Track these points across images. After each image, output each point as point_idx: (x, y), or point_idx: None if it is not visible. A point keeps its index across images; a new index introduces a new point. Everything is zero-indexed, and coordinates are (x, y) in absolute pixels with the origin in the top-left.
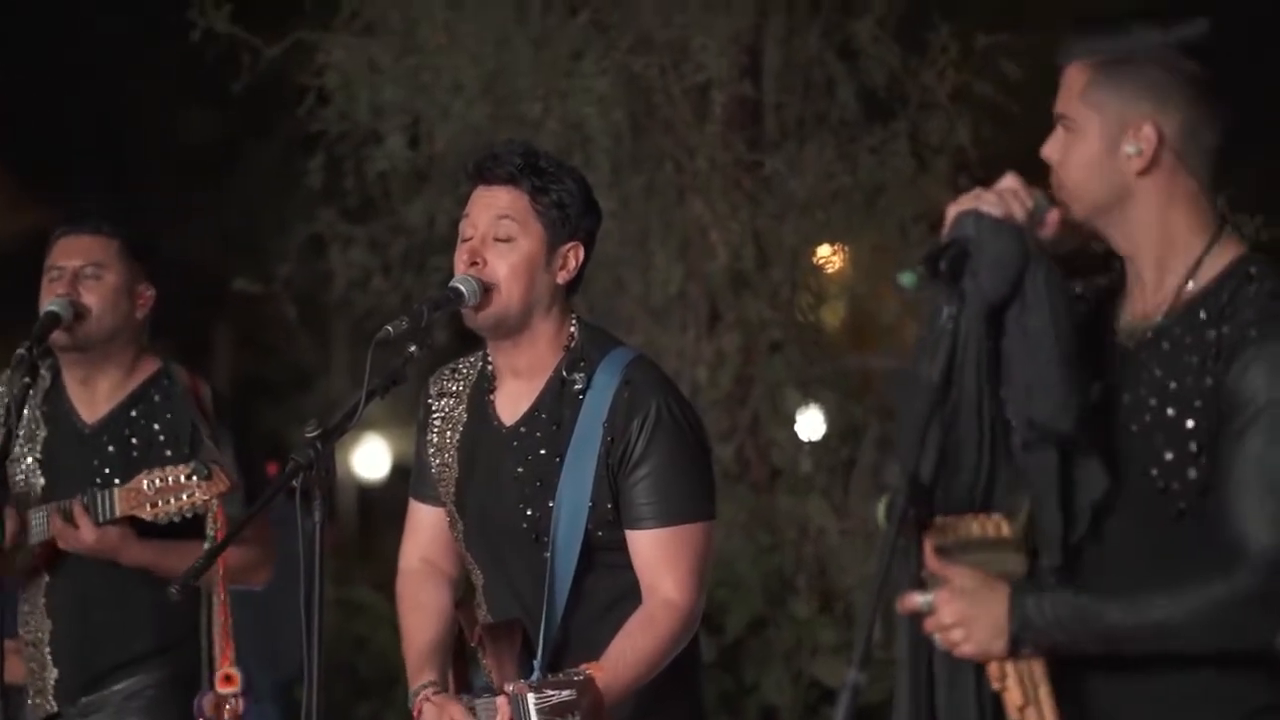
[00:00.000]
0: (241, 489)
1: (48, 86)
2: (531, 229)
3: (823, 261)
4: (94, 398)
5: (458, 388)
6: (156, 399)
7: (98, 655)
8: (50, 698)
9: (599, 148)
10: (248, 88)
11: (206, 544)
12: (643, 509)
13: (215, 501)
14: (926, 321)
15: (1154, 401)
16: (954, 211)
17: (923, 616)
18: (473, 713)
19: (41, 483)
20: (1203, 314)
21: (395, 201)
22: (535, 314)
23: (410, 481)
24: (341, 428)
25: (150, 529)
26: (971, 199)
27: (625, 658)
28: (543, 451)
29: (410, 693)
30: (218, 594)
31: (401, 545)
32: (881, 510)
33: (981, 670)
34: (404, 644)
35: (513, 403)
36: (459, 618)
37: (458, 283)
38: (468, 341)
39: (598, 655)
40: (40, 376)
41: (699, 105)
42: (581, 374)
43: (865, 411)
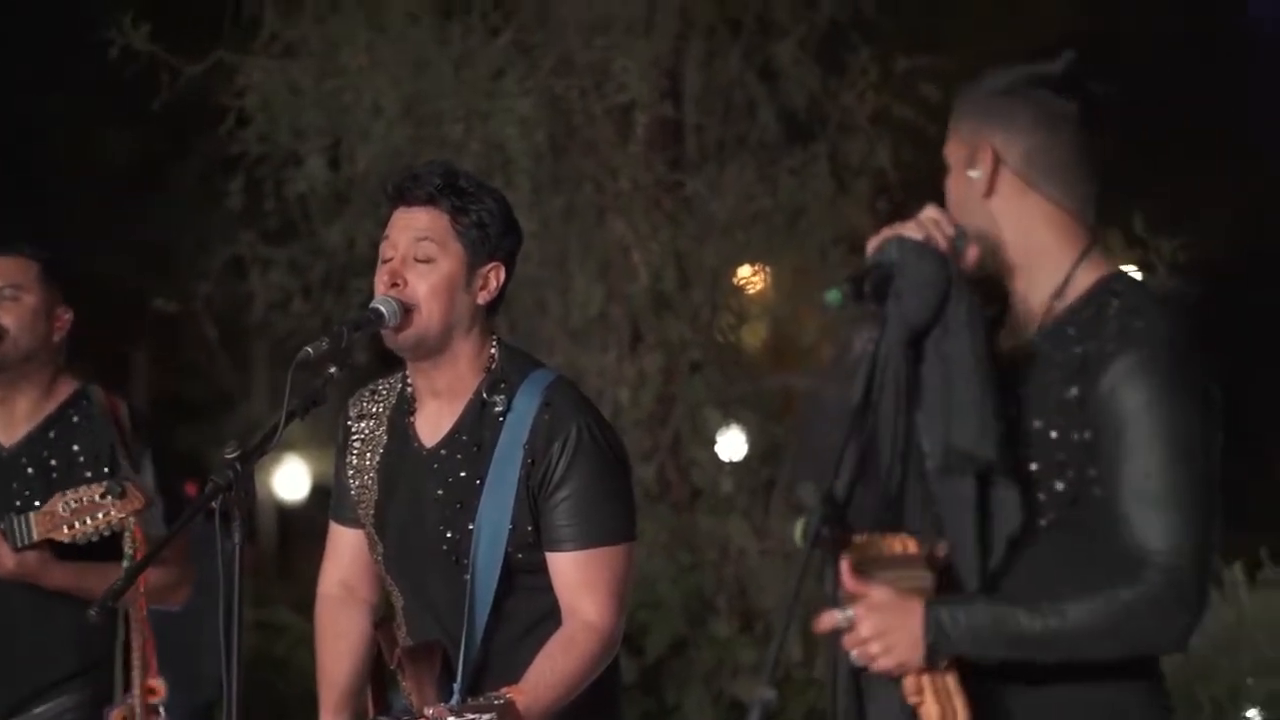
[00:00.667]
0: (158, 506)
1: None
2: (451, 249)
3: (743, 282)
4: (11, 420)
5: (377, 409)
6: (75, 420)
7: (21, 679)
8: None
9: (520, 168)
10: (167, 107)
11: (125, 563)
12: (563, 531)
13: (132, 520)
14: (837, 344)
15: (1021, 415)
16: (876, 239)
17: (841, 634)
18: None
19: None
20: (1070, 330)
21: (315, 223)
22: (455, 334)
23: (330, 504)
24: (261, 449)
25: (70, 550)
26: (892, 228)
27: (545, 680)
28: (463, 474)
29: None
30: (136, 613)
31: (321, 568)
32: (798, 530)
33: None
34: (319, 675)
35: (433, 425)
36: (378, 638)
37: (378, 304)
38: (388, 363)
39: (518, 678)
40: None
41: (620, 126)
42: (502, 396)
43: (786, 432)
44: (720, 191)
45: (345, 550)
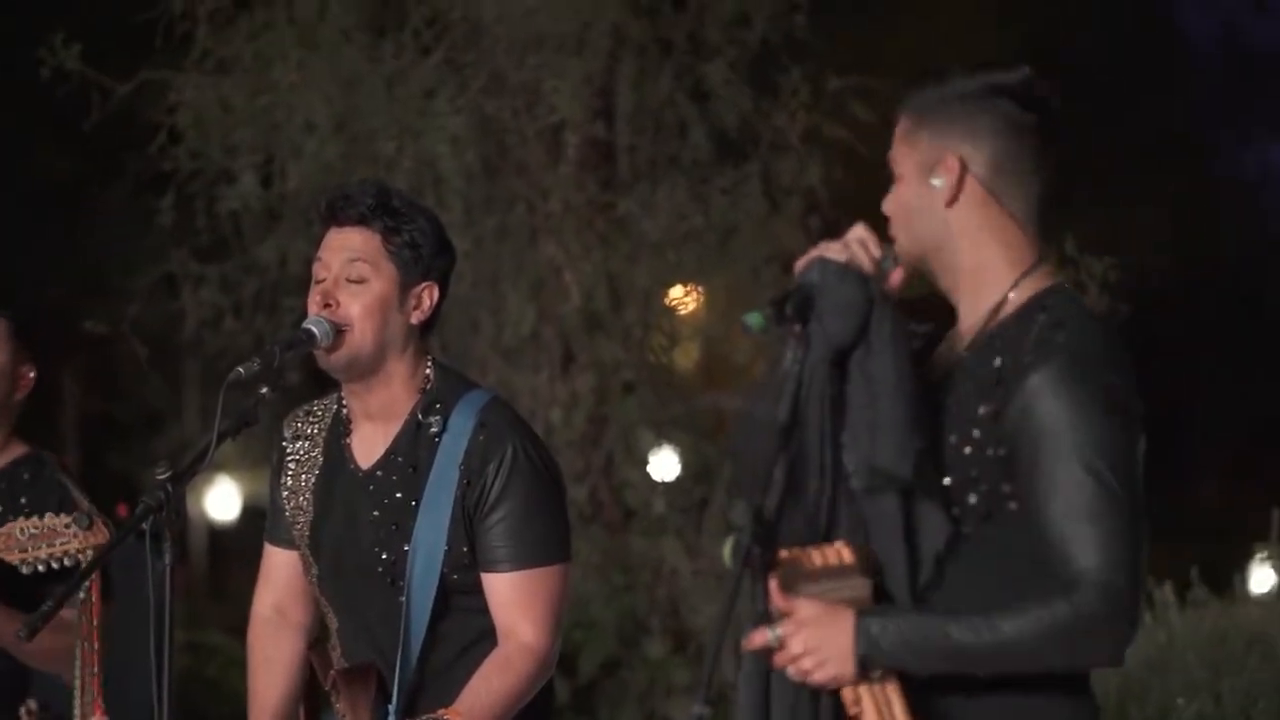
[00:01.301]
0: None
1: None
2: (384, 269)
3: (676, 302)
4: None
5: (313, 430)
6: (25, 477)
7: None
8: None
9: (452, 188)
10: (98, 126)
11: (81, 595)
12: (499, 552)
13: (91, 554)
14: (771, 364)
15: (940, 428)
16: (804, 260)
17: (772, 652)
18: None
19: None
20: (996, 344)
21: (247, 241)
22: (389, 355)
23: (265, 526)
24: (192, 469)
25: (16, 580)
26: (819, 248)
27: (481, 700)
28: (399, 495)
29: None
30: (87, 645)
31: (255, 590)
32: (727, 550)
33: (837, 699)
34: (250, 699)
35: (368, 446)
36: (312, 660)
37: (310, 324)
38: (321, 383)
39: (454, 698)
40: None
41: (552, 146)
42: (437, 417)
43: (718, 452)
44: (652, 211)
45: (279, 572)
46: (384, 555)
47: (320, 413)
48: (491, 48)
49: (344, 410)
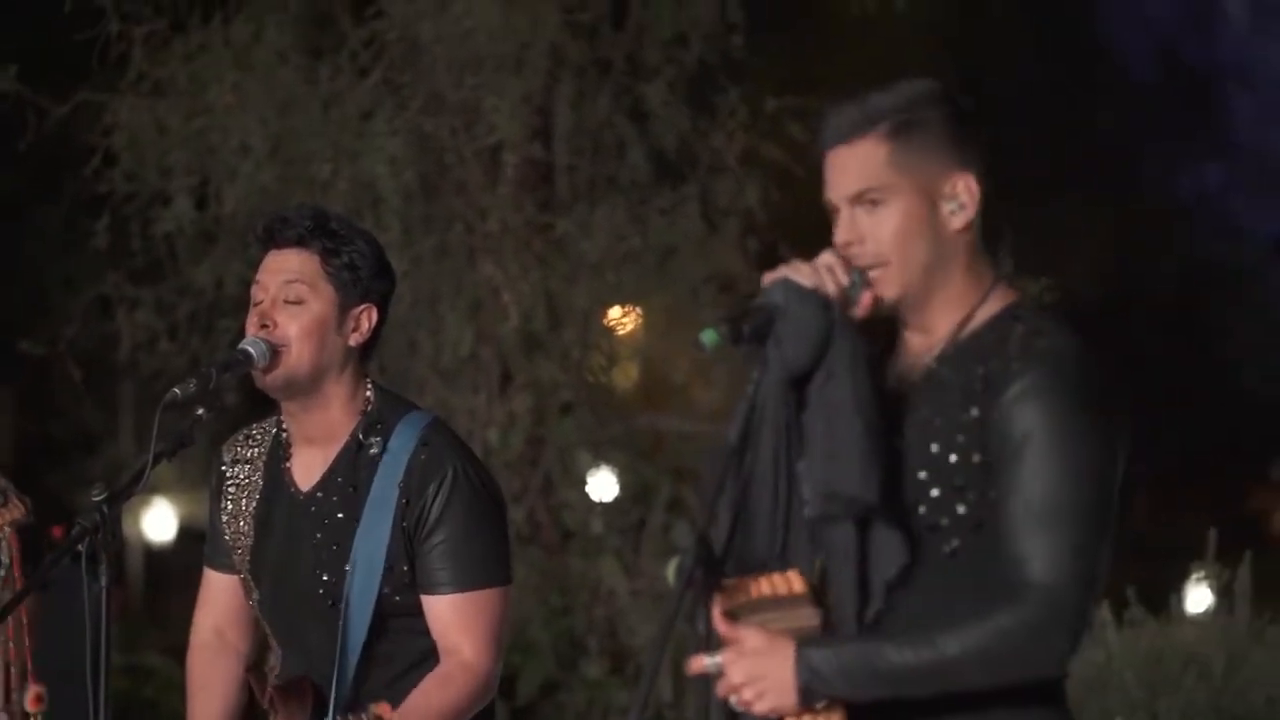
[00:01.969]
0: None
1: None
2: (322, 291)
3: (614, 323)
4: None
5: (252, 454)
6: None
7: None
8: None
9: (390, 208)
10: (33, 147)
11: (0, 572)
12: (439, 574)
13: (8, 529)
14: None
15: (920, 439)
16: (768, 278)
17: (713, 678)
18: None
19: None
20: (973, 353)
21: (182, 263)
22: (327, 377)
23: (204, 550)
24: (128, 491)
25: None
26: (786, 268)
27: (420, 713)
28: (340, 515)
29: None
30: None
31: (194, 614)
32: (671, 571)
33: None
34: None
35: (308, 469)
36: (250, 681)
37: (246, 345)
38: (259, 404)
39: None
40: None
41: (490, 167)
42: (378, 438)
43: (657, 473)
44: (591, 232)
45: (219, 596)
46: (325, 577)
47: (260, 436)
48: (430, 67)
49: (283, 434)
